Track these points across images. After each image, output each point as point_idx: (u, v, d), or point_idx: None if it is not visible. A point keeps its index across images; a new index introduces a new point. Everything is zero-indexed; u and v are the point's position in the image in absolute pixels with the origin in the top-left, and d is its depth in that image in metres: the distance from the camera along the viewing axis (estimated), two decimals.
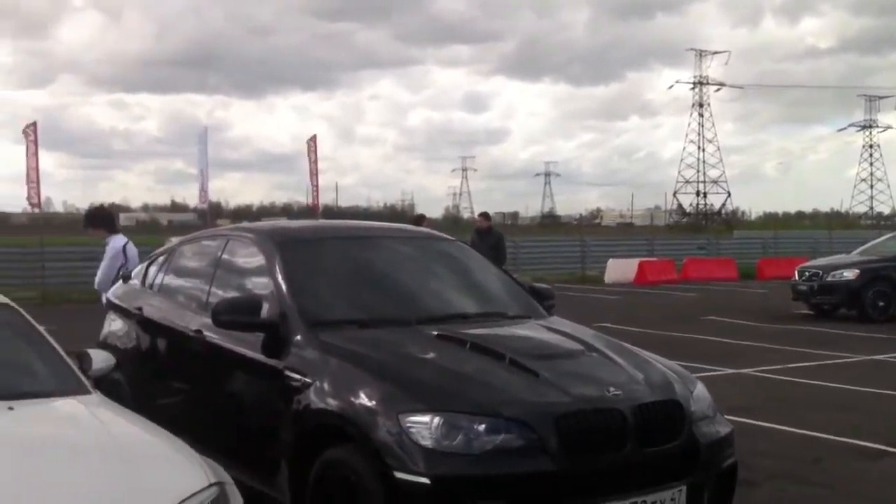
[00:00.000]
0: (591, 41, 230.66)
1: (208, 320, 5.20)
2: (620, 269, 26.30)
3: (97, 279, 8.41)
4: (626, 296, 21.98)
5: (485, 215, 15.19)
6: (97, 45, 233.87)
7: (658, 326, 14.58)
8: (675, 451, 4.32)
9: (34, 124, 19.87)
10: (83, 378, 4.31)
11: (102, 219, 8.96)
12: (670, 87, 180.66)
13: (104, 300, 7.58)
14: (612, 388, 4.31)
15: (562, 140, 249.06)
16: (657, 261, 27.52)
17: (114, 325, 6.78)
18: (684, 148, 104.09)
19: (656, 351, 5.28)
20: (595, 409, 4.17)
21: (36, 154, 19.57)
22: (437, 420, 3.98)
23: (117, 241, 8.44)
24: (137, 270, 7.08)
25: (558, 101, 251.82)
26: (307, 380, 4.49)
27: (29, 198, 20.10)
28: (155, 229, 68.94)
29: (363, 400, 4.20)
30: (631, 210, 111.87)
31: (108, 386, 5.16)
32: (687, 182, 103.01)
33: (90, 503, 3.11)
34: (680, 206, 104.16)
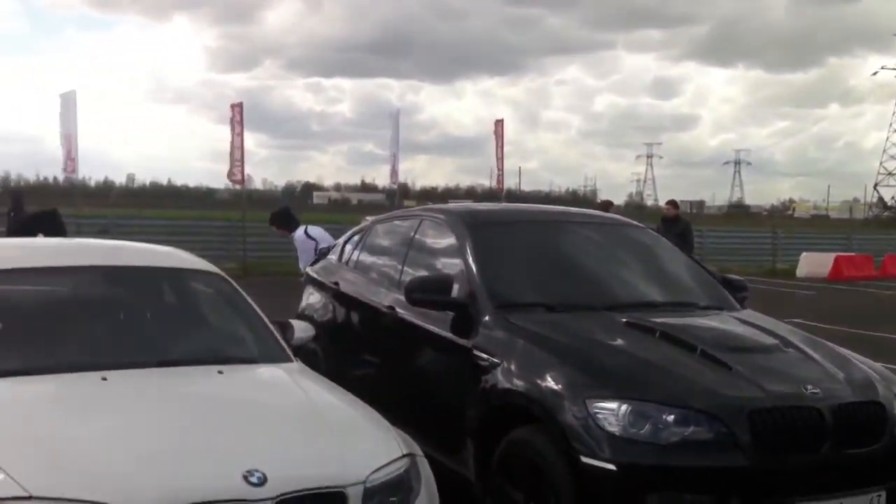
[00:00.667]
0: (791, 25, 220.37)
1: (400, 297, 5.37)
2: (815, 264, 25.02)
3: (302, 267, 9.02)
4: (821, 291, 20.90)
5: (672, 203, 14.83)
6: (297, 31, 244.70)
7: (861, 325, 13.74)
8: (876, 454, 4.12)
9: (240, 105, 20.98)
10: (286, 347, 4.56)
11: (283, 220, 10.13)
12: (874, 73, 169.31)
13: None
14: (809, 386, 4.14)
15: (754, 127, 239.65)
16: (855, 256, 26.01)
17: (311, 298, 7.11)
18: (887, 138, 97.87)
19: (861, 351, 5.02)
20: (791, 407, 4.03)
21: (241, 134, 20.69)
22: (624, 407, 3.95)
23: (298, 233, 9.27)
24: (334, 247, 7.41)
25: (752, 87, 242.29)
26: (494, 360, 4.56)
27: (232, 175, 21.29)
28: (345, 208, 71.48)
29: (550, 383, 4.23)
30: (827, 202, 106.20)
31: (304, 355, 5.43)
32: (889, 174, 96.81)
33: (293, 465, 3.30)
34: (881, 198, 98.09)
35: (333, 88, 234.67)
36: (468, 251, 5.25)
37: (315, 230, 9.45)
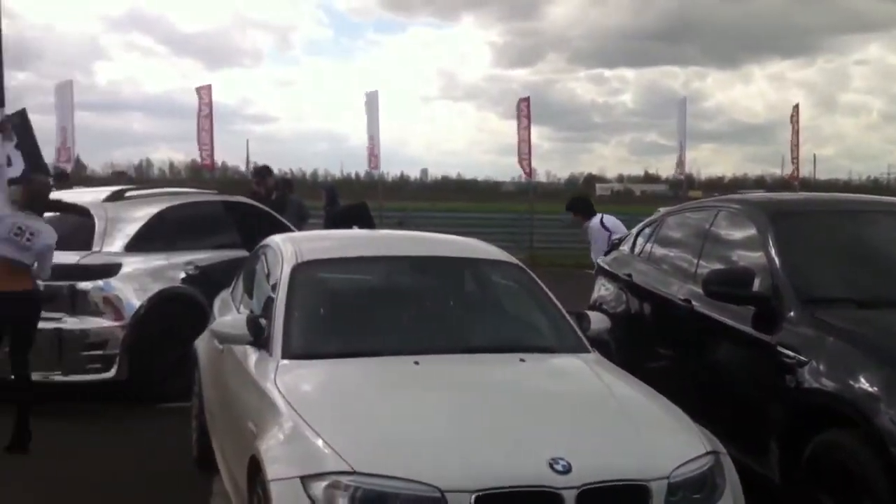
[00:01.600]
0: None
1: (696, 290, 5.26)
2: None
3: (593, 257, 9.00)
4: None
5: None
6: (580, 23, 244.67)
7: None
8: None
9: (527, 100, 21.39)
10: (583, 337, 4.62)
11: (582, 206, 9.89)
12: None
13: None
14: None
15: None
16: None
17: (603, 289, 7.15)
18: None
19: None
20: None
21: (528, 128, 21.09)
22: None
23: (593, 222, 9.15)
24: (626, 238, 7.38)
25: None
26: (801, 358, 4.35)
27: (519, 168, 21.76)
28: (628, 199, 70.67)
29: (864, 384, 3.97)
30: None
31: (596, 346, 5.48)
32: None
33: (596, 455, 3.34)
34: None
35: (616, 79, 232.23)
36: (770, 243, 5.04)
37: (610, 220, 9.34)
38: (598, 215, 9.60)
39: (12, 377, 6.14)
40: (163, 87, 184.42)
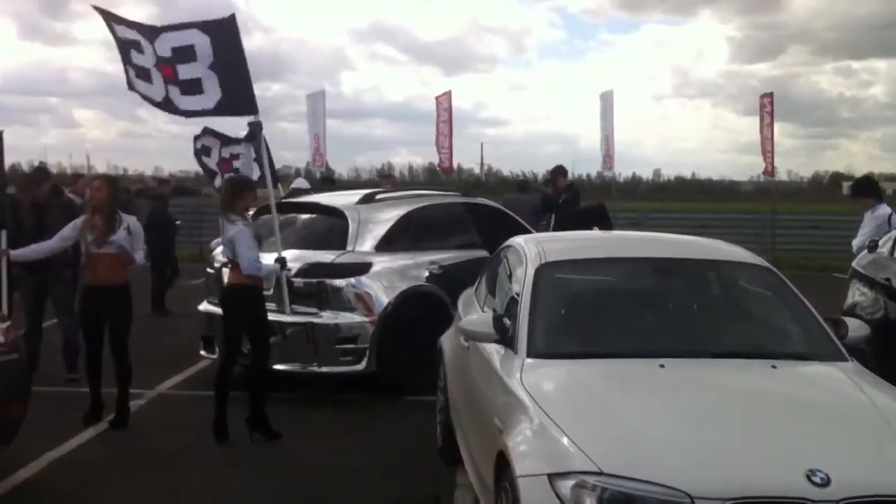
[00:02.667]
0: None
1: None
2: None
3: (855, 242, 8.41)
4: None
5: None
6: (825, 14, 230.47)
7: None
8: None
9: (770, 95, 20.40)
10: (840, 345, 4.39)
11: (871, 188, 9.13)
12: None
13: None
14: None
15: None
16: None
17: (858, 294, 6.74)
18: None
19: None
20: None
21: (771, 125, 20.12)
22: None
23: (882, 210, 8.51)
24: (885, 240, 6.92)
25: None
26: None
27: (763, 167, 20.78)
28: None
29: None
30: None
31: (851, 354, 5.16)
32: None
33: (859, 469, 3.18)
34: None
35: (865, 71, 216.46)
36: None
37: None
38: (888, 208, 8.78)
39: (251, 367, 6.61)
40: (403, 94, 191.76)
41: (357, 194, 8.66)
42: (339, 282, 7.53)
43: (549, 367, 4.10)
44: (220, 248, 8.55)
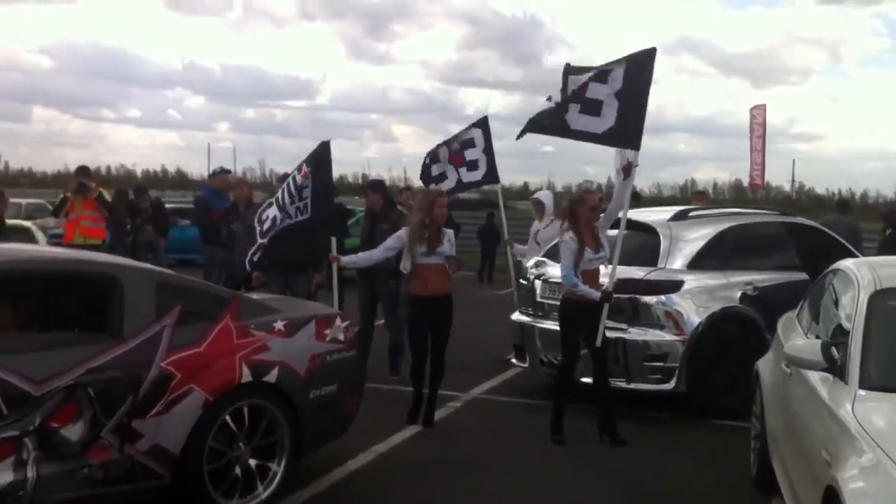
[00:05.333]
0: None
1: None
2: None
3: None
4: None
5: None
6: None
7: None
8: None
9: None
10: None
11: None
12: None
13: None
14: None
15: None
16: None
17: None
18: None
19: None
20: None
21: None
22: None
23: None
24: None
25: None
26: None
27: None
28: None
29: None
30: None
31: None
32: None
33: None
34: None
35: None
36: None
37: None
38: None
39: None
40: (708, 108, 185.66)
41: (669, 211, 8.60)
42: (649, 298, 7.52)
43: (883, 400, 3.86)
44: (533, 261, 8.86)
